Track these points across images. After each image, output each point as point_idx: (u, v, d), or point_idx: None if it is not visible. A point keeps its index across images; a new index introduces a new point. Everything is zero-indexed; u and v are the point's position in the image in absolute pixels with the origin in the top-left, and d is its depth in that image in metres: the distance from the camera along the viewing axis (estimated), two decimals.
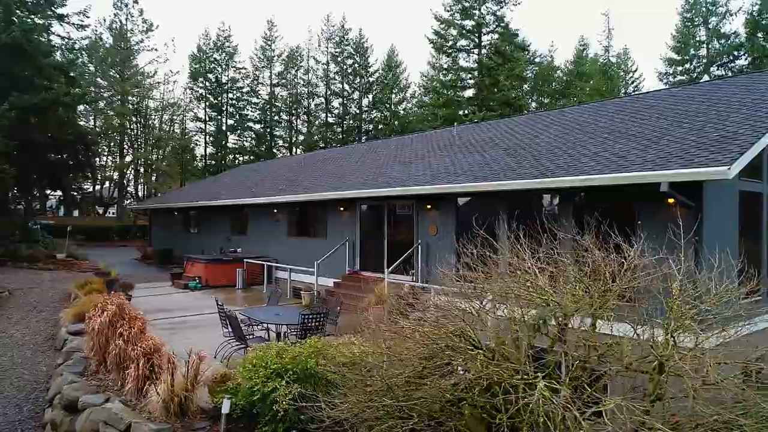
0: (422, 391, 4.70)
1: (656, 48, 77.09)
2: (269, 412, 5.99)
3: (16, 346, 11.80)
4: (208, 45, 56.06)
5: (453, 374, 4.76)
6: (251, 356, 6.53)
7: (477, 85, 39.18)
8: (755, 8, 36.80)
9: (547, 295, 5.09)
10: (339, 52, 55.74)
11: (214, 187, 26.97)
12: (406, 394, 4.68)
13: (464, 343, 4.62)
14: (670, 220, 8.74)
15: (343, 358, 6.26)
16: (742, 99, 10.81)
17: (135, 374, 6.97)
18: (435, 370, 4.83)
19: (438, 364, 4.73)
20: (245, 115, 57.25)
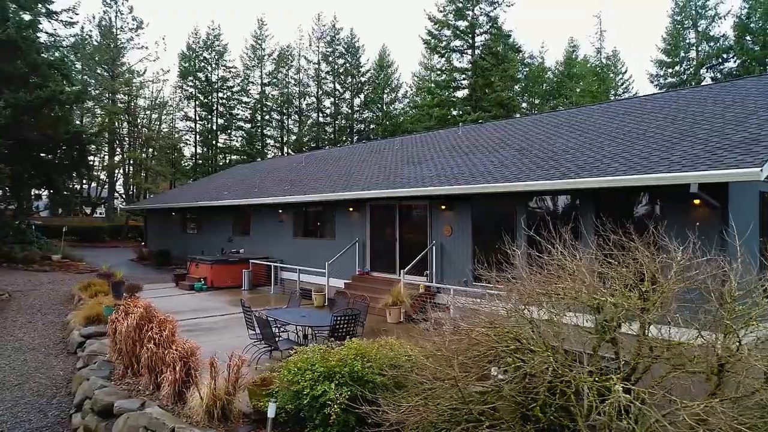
0: (490, 395, 4.68)
1: (648, 50, 77.83)
2: (317, 416, 5.94)
3: (27, 350, 11.56)
4: (197, 43, 55.61)
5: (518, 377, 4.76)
6: (295, 359, 6.46)
7: (471, 85, 39.30)
8: (744, 11, 37.45)
9: (606, 297, 5.09)
10: (330, 52, 55.61)
11: (211, 187, 26.70)
12: (473, 397, 4.66)
13: (538, 346, 4.60)
14: (695, 220, 8.89)
15: (400, 360, 6.25)
16: (756, 101, 10.97)
17: (172, 378, 6.86)
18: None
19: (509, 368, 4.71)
20: (235, 115, 56.89)
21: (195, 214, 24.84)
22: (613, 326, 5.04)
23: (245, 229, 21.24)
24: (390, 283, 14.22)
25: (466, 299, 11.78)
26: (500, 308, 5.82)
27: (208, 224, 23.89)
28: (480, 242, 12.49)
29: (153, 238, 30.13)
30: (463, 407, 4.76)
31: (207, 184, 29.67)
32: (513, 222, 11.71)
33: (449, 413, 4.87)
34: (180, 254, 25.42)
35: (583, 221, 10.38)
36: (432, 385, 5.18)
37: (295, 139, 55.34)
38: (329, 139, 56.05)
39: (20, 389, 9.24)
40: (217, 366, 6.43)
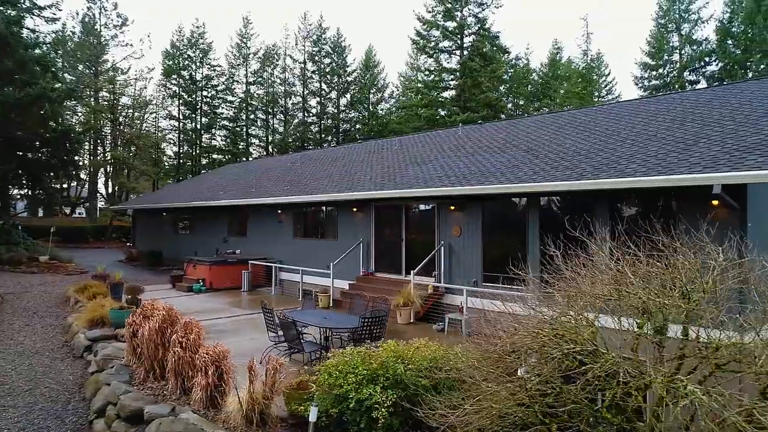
0: (551, 397, 4.67)
1: (633, 52, 78.95)
2: (362, 419, 5.87)
3: (30, 354, 11.23)
4: (181, 41, 54.85)
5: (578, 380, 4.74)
6: (333, 362, 6.38)
7: (460, 86, 39.46)
8: (725, 16, 38.27)
9: (662, 299, 5.10)
10: (316, 51, 55.35)
11: (204, 187, 26.32)
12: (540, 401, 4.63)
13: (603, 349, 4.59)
14: (714, 221, 9.02)
15: (438, 363, 6.21)
16: (763, 104, 11.19)
17: (204, 383, 6.71)
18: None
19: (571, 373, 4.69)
20: (220, 114, 56.25)
21: (188, 215, 24.46)
22: (666, 328, 5.06)
23: (241, 230, 20.99)
24: (395, 283, 14.18)
25: (482, 300, 11.82)
26: (547, 310, 5.77)
27: (202, 225, 23.55)
28: (490, 243, 12.53)
29: (142, 239, 29.59)
30: (516, 411, 4.73)
31: (198, 183, 29.25)
32: (525, 223, 11.76)
33: (508, 416, 4.83)
34: (172, 255, 25.03)
35: (599, 223, 10.47)
36: (486, 388, 5.15)
37: (281, 138, 54.85)
38: (315, 139, 55.77)
39: (31, 395, 8.96)
40: (255, 369, 6.30)
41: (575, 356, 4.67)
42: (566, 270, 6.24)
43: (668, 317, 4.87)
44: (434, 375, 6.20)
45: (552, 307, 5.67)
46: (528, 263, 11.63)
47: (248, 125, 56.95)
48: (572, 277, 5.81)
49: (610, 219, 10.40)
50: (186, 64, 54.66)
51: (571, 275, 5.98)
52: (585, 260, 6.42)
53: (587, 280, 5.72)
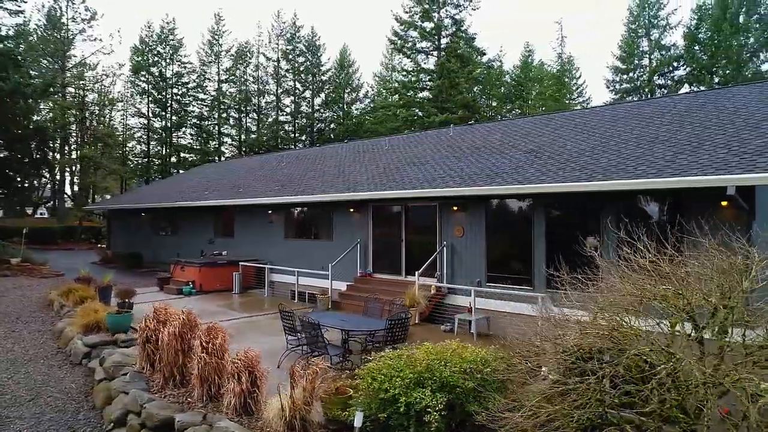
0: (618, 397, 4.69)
1: (605, 56, 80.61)
2: (409, 423, 5.79)
3: (24, 362, 10.72)
4: (151, 37, 53.47)
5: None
6: (375, 366, 6.28)
7: (438, 87, 39.63)
8: (693, 23, 39.60)
9: (713, 299, 5.18)
10: (290, 50, 54.75)
11: (185, 187, 25.68)
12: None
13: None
14: (723, 222, 9.27)
15: (477, 365, 6.18)
16: (759, 108, 11.58)
17: (238, 389, 6.52)
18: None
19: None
20: (191, 112, 55.04)
21: (169, 215, 23.80)
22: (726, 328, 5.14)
23: (228, 230, 20.56)
24: (395, 284, 14.14)
25: (488, 300, 11.88)
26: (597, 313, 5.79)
27: (185, 225, 22.97)
28: (495, 244, 12.61)
29: (118, 240, 28.68)
30: (587, 411, 4.74)
31: (177, 183, 28.50)
32: (530, 224, 11.87)
33: (577, 417, 4.83)
34: (152, 257, 24.36)
35: (606, 223, 10.66)
36: (545, 388, 5.16)
37: (254, 138, 54.04)
38: (288, 138, 55.23)
39: (35, 405, 8.55)
40: (297, 374, 6.15)
41: (644, 357, 4.70)
42: (610, 271, 6.29)
43: (728, 317, 4.95)
44: (477, 376, 6.18)
45: (602, 308, 5.70)
46: (534, 264, 11.78)
47: (220, 124, 55.96)
48: (623, 277, 5.84)
49: (618, 220, 10.58)
50: (156, 61, 53.31)
51: (621, 274, 6.01)
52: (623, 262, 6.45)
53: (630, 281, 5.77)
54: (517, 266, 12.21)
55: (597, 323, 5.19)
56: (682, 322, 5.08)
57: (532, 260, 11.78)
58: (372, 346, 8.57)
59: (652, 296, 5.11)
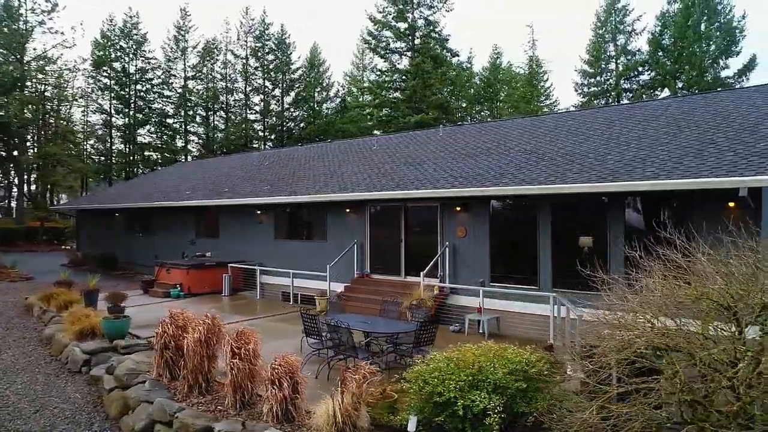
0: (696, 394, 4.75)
1: (574, 59, 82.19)
2: (466, 425, 5.74)
3: (17, 372, 10.15)
4: (113, 31, 51.66)
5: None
6: (423, 369, 6.19)
7: (413, 87, 39.73)
8: (657, 29, 40.98)
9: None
10: (259, 47, 53.90)
11: (162, 186, 24.87)
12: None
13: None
14: (730, 222, 9.58)
15: (521, 366, 6.17)
16: (750, 112, 12.04)
17: (280, 395, 6.32)
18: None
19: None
20: (156, 109, 53.44)
21: (147, 215, 22.99)
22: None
23: (212, 231, 20.02)
24: (394, 285, 14.06)
25: (494, 300, 11.94)
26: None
27: (163, 226, 22.24)
28: (498, 244, 12.68)
29: (88, 242, 27.57)
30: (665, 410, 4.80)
31: (153, 182, 27.53)
32: (536, 224, 12.00)
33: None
34: (128, 259, 23.54)
35: (612, 224, 10.88)
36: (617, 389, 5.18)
37: (222, 136, 52.92)
38: (258, 137, 54.41)
39: (42, 416, 8.08)
40: (348, 379, 6.01)
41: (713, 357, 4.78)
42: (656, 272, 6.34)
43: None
44: (523, 377, 6.18)
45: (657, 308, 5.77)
46: (539, 264, 11.91)
47: (186, 121, 54.61)
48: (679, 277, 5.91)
49: (624, 220, 10.82)
50: (118, 56, 51.55)
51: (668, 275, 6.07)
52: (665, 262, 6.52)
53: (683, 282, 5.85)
54: (522, 266, 12.32)
55: (649, 323, 5.23)
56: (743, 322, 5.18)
57: (538, 260, 11.91)
58: (400, 348, 8.47)
59: (717, 296, 5.18)
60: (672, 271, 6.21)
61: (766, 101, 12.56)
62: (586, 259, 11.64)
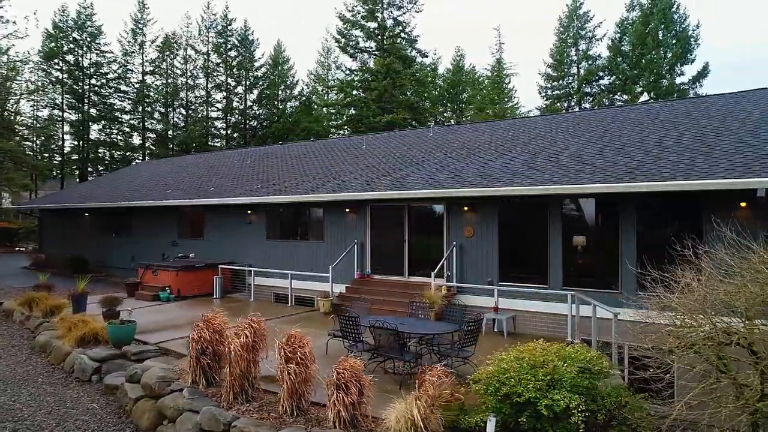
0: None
1: (538, 63, 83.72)
2: (548, 425, 5.73)
3: (18, 382, 9.48)
4: (66, 22, 49.22)
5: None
6: (496, 369, 6.14)
7: (384, 87, 39.63)
8: (617, 36, 42.49)
9: None
10: (222, 43, 52.55)
11: (136, 184, 23.82)
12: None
13: None
14: (741, 221, 10.01)
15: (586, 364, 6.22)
16: (743, 116, 12.62)
17: (348, 400, 6.14)
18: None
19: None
20: (112, 105, 51.23)
21: (121, 215, 21.94)
22: None
23: (196, 232, 19.33)
24: (398, 285, 14.00)
25: (505, 299, 12.04)
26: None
27: (141, 226, 21.30)
28: (507, 243, 12.80)
29: (52, 243, 26.10)
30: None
31: (126, 180, 26.29)
32: (546, 224, 12.18)
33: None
34: (100, 261, 22.47)
35: (624, 224, 11.17)
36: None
37: (186, 133, 51.28)
38: (221, 135, 53.08)
39: (65, 430, 7.56)
40: (435, 382, 5.90)
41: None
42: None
43: None
44: (590, 375, 6.24)
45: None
46: (549, 263, 12.10)
47: (144, 118, 52.60)
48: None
49: (638, 220, 11.14)
50: (71, 48, 49.16)
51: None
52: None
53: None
54: (531, 265, 12.49)
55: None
56: None
57: (548, 259, 12.10)
58: (442, 349, 8.41)
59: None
60: (717, 271, 6.42)
61: (757, 106, 13.19)
62: (579, 258, 11.99)
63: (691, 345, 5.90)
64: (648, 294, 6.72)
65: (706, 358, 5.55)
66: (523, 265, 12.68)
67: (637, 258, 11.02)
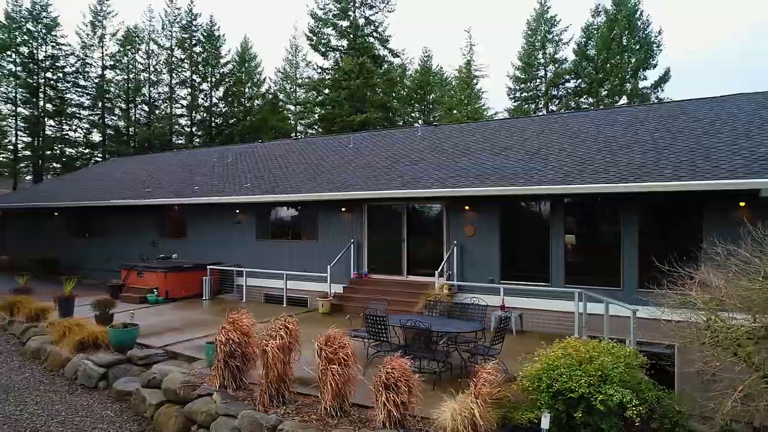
0: None
1: (507, 65, 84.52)
2: (595, 419, 5.83)
3: (20, 391, 8.98)
4: (19, 12, 46.92)
5: None
6: (543, 366, 6.21)
7: (357, 86, 39.48)
8: (582, 40, 43.71)
9: None
10: (186, 38, 51.22)
11: (108, 183, 22.87)
12: None
13: None
14: (740, 221, 10.44)
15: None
16: (730, 119, 13.19)
17: (399, 400, 6.09)
18: None
19: None
20: (69, 100, 49.14)
21: (97, 215, 21.02)
22: None
23: (178, 231, 18.76)
24: (397, 285, 13.99)
25: (508, 298, 12.19)
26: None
27: (119, 226, 20.47)
28: (509, 242, 12.97)
29: (16, 244, 24.81)
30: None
31: (95, 179, 25.18)
32: (548, 223, 12.41)
33: None
34: (71, 263, 21.49)
35: (626, 223, 11.50)
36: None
37: (149, 130, 49.68)
38: (186, 133, 51.74)
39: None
40: (490, 380, 5.90)
41: None
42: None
43: None
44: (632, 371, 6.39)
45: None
46: (551, 261, 12.33)
47: (104, 114, 50.68)
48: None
49: (639, 220, 11.47)
50: (25, 40, 46.91)
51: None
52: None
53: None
54: (533, 264, 12.69)
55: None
56: None
57: (549, 258, 12.32)
58: (474, 348, 8.45)
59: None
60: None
61: (742, 110, 13.81)
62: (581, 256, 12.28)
63: (733, 339, 6.13)
64: (659, 290, 6.98)
65: (747, 353, 5.76)
66: (524, 264, 12.87)
67: (639, 257, 11.41)
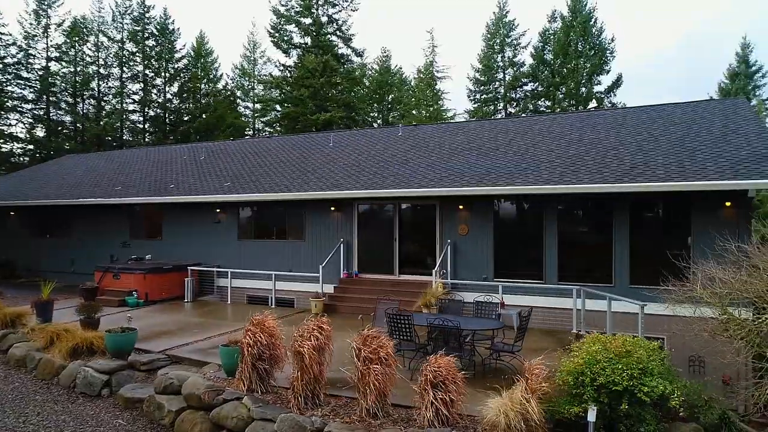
0: None
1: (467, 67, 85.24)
2: (643, 412, 6.03)
3: (15, 402, 8.44)
4: None
5: None
6: (582, 360, 6.36)
7: (321, 84, 39.13)
8: (540, 45, 45.00)
9: None
10: (138, 31, 49.32)
11: (72, 181, 21.67)
12: None
13: None
14: (725, 219, 11.06)
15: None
16: (706, 123, 13.90)
17: (447, 398, 6.11)
18: None
19: None
20: (11, 93, 46.31)
21: (61, 215, 19.87)
22: None
23: (152, 232, 18.03)
24: (389, 284, 14.01)
25: (506, 296, 12.42)
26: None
27: (82, 227, 19.42)
28: (503, 240, 13.20)
29: None
30: None
31: (60, 177, 23.76)
32: (541, 222, 12.73)
33: None
34: (29, 265, 20.27)
35: (618, 222, 11.94)
36: None
37: (100, 126, 47.47)
38: (139, 130, 49.85)
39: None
40: (539, 375, 6.00)
41: None
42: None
43: None
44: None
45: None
46: (545, 260, 12.66)
47: (49, 108, 48.09)
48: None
49: (630, 219, 11.93)
50: None
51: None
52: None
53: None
54: (526, 262, 12.99)
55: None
56: None
57: (543, 256, 12.64)
58: (499, 345, 8.57)
59: None
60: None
61: (714, 114, 14.59)
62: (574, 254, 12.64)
63: (757, 333, 6.50)
64: (650, 287, 7.31)
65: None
66: (518, 262, 13.14)
67: (631, 255, 11.88)
